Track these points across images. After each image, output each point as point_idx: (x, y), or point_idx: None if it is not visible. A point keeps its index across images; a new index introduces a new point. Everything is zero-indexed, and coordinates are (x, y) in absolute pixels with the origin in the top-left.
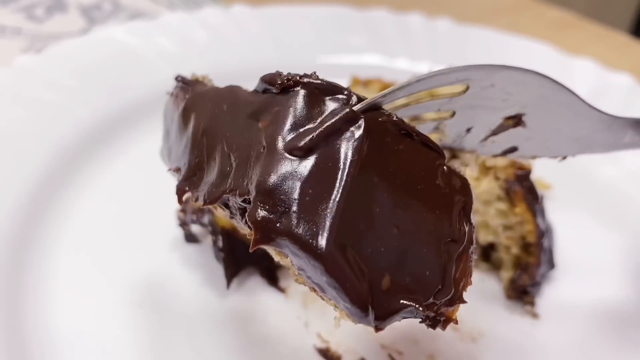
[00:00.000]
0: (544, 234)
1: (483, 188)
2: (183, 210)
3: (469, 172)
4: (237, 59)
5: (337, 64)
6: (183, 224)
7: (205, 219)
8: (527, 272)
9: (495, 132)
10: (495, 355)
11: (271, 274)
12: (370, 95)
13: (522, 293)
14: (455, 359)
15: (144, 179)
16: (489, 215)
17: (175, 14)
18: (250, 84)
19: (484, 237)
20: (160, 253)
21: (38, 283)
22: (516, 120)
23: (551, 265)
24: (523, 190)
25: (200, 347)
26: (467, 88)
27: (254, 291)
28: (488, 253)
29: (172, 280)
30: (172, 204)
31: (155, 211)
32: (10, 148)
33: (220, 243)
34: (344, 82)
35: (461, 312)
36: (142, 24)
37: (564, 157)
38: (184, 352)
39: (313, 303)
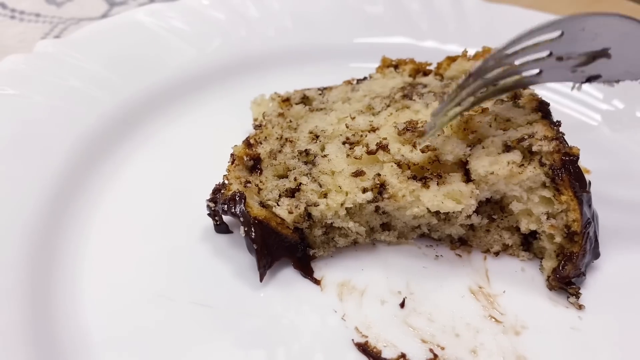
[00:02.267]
0: (590, 222)
1: (527, 175)
2: (213, 200)
3: (512, 157)
4: (260, 39)
5: (365, 43)
6: (213, 215)
7: (237, 209)
8: (571, 261)
9: (584, 64)
10: (539, 349)
11: (305, 266)
12: (403, 78)
13: (565, 284)
14: (498, 353)
15: (172, 166)
16: (532, 203)
17: None
18: (273, 65)
19: (525, 225)
20: (190, 245)
21: (67, 275)
22: (602, 53)
23: (596, 255)
24: (570, 177)
25: (234, 341)
26: (562, 34)
27: (288, 284)
28: (529, 241)
29: (203, 273)
30: (202, 193)
31: (184, 200)
32: (36, 136)
33: (253, 234)
34: (374, 63)
35: (504, 304)
36: (163, 5)
37: None
38: (218, 346)
39: (349, 295)
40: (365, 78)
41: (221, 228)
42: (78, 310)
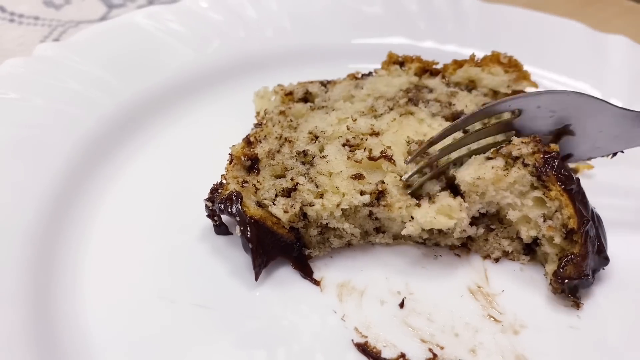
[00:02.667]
0: (587, 220)
1: (514, 177)
2: (211, 200)
3: (495, 163)
4: (259, 40)
5: (364, 44)
6: (212, 214)
7: (233, 208)
8: (571, 262)
9: (552, 142)
10: (538, 348)
11: (305, 266)
12: (408, 77)
13: (570, 292)
14: (497, 352)
15: (172, 167)
16: (527, 208)
17: None
18: (272, 66)
19: (526, 232)
20: (190, 246)
21: (68, 277)
22: (565, 130)
23: (604, 260)
24: (555, 173)
25: (234, 342)
26: (520, 112)
27: (288, 285)
28: (532, 249)
29: (202, 274)
30: (201, 194)
31: (184, 202)
32: (36, 139)
33: (248, 233)
34: (373, 64)
35: (503, 303)
36: (161, 8)
37: (614, 154)
38: (218, 347)
39: (348, 296)
40: (370, 73)
41: (221, 229)
42: (79, 312)
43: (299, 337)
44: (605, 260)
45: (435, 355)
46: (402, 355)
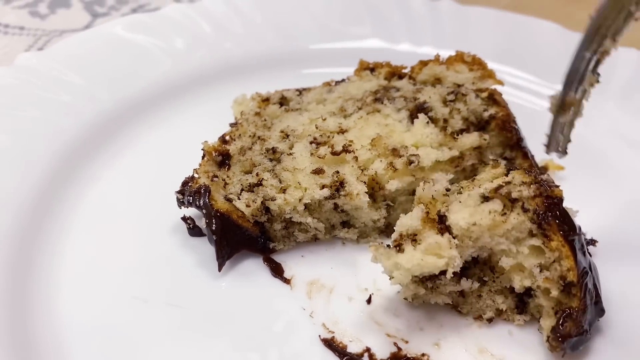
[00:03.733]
0: (586, 272)
1: (512, 222)
2: (181, 192)
3: (493, 207)
4: (241, 49)
5: (341, 49)
6: (186, 219)
7: (201, 201)
8: (570, 318)
9: None
10: (501, 341)
11: (276, 266)
12: (378, 81)
13: (572, 349)
14: (460, 346)
15: (147, 170)
16: (522, 256)
17: (177, 5)
18: (255, 75)
19: (519, 282)
20: (165, 248)
21: (43, 279)
22: None
23: (600, 311)
24: (557, 221)
25: (208, 341)
26: None
27: (258, 283)
28: (524, 302)
29: (176, 275)
30: (172, 193)
31: (160, 205)
32: (17, 147)
33: (213, 226)
34: (349, 68)
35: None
36: (144, 17)
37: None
38: (194, 346)
39: (317, 293)
40: (343, 80)
41: (194, 231)
42: (53, 313)
43: (267, 335)
44: (601, 311)
45: (399, 349)
46: (367, 350)
